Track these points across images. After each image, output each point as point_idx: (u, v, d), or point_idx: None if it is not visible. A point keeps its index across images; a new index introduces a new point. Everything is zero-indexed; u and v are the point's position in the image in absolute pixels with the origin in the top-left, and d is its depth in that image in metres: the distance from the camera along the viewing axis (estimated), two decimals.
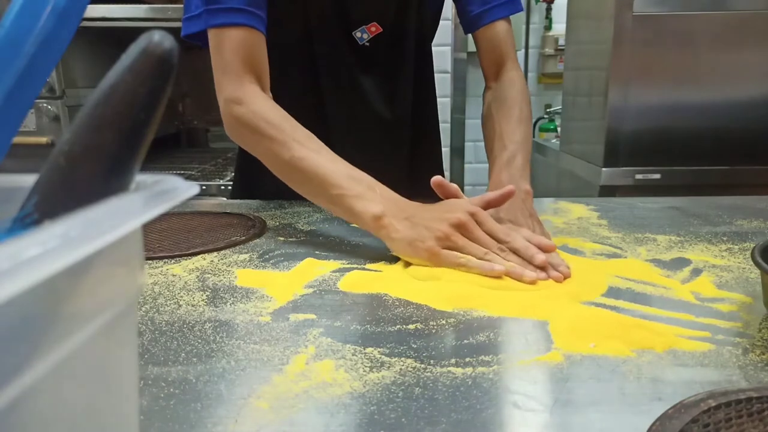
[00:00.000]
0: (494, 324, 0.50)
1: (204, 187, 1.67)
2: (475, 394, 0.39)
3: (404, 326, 0.49)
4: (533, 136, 1.75)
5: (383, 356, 0.44)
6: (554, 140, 2.36)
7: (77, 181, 0.23)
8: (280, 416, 0.37)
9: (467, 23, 0.92)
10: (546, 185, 2.24)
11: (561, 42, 2.61)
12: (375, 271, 0.63)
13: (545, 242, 0.63)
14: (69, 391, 0.22)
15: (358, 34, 0.88)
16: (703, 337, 0.46)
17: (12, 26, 0.27)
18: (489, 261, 0.60)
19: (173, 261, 0.67)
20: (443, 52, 2.07)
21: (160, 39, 0.22)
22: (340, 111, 0.92)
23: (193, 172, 1.82)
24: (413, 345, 0.46)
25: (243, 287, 0.59)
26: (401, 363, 0.43)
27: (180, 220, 0.83)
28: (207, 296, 0.56)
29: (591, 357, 0.43)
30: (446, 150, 2.16)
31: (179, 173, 1.78)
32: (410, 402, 0.38)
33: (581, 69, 1.89)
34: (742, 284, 0.58)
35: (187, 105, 2.33)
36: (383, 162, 0.76)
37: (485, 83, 0.94)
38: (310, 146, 0.71)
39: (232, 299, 0.56)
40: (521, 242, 0.62)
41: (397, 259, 0.66)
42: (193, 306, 0.54)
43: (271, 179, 0.76)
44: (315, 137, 0.72)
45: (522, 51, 2.82)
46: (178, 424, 0.36)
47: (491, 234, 0.63)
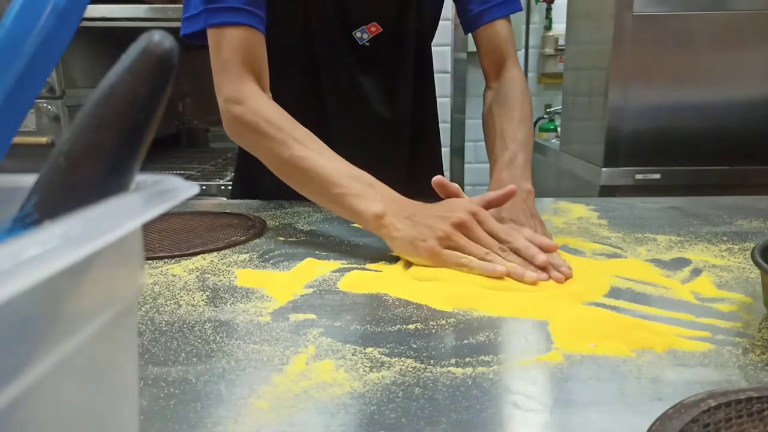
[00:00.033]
0: (494, 324, 0.50)
1: (204, 187, 1.67)
2: (475, 394, 0.39)
3: (404, 326, 0.49)
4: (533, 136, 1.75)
5: (383, 356, 0.44)
6: (554, 140, 2.36)
7: (77, 181, 0.23)
8: (280, 416, 0.37)
9: (467, 23, 0.92)
10: (546, 185, 2.24)
11: (561, 42, 2.61)
12: (375, 271, 0.63)
13: (547, 242, 0.63)
14: (69, 391, 0.22)
15: (358, 34, 0.88)
16: (703, 337, 0.46)
17: (12, 26, 0.27)
18: (490, 261, 0.60)
19: (173, 261, 0.67)
20: (443, 52, 2.07)
21: (160, 39, 0.22)
22: (340, 111, 0.92)
23: (193, 172, 1.82)
24: (413, 345, 0.46)
25: (243, 287, 0.59)
26: (401, 363, 0.43)
27: (180, 220, 0.83)
28: (207, 296, 0.56)
29: (591, 357, 0.43)
30: (446, 150, 2.16)
31: (179, 173, 1.78)
32: (410, 402, 0.38)
33: (581, 69, 1.89)
34: (742, 284, 0.58)
35: (187, 105, 2.33)
36: (383, 162, 0.76)
37: (486, 83, 0.94)
38: (310, 145, 0.71)
39: (232, 299, 0.56)
40: (522, 242, 0.62)
41: (397, 259, 0.66)
42: (193, 306, 0.54)
43: (271, 179, 0.76)
44: (315, 136, 0.72)
45: (522, 51, 2.82)
46: (178, 424, 0.36)
47: (492, 234, 0.63)
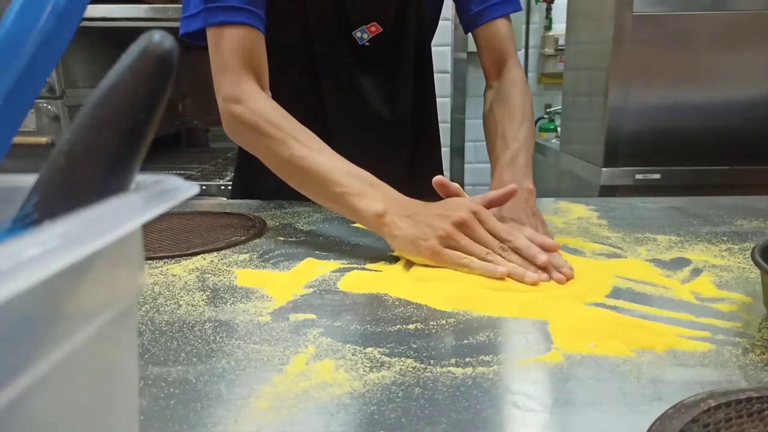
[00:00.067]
0: (494, 324, 0.50)
1: (204, 187, 1.67)
2: (475, 394, 0.39)
3: (404, 326, 0.49)
4: None
5: (383, 356, 0.44)
6: (554, 140, 2.36)
7: (77, 181, 0.23)
8: (280, 416, 0.37)
9: (467, 22, 0.92)
10: (546, 185, 2.24)
11: (561, 42, 2.61)
12: (375, 271, 0.63)
13: (548, 242, 0.62)
14: (69, 391, 0.22)
15: (358, 34, 0.88)
16: (703, 337, 0.46)
17: (12, 26, 0.27)
18: (491, 261, 0.59)
19: (173, 261, 0.67)
20: (443, 52, 2.07)
21: (160, 39, 0.22)
22: (340, 111, 0.92)
23: (193, 172, 1.82)
24: (413, 345, 0.46)
25: (243, 287, 0.59)
26: (401, 363, 0.43)
27: (180, 220, 0.83)
28: (207, 296, 0.56)
29: (591, 357, 0.43)
30: (446, 150, 2.16)
31: (179, 173, 1.78)
32: (410, 402, 0.38)
33: (581, 69, 1.89)
34: (742, 284, 0.58)
35: (187, 105, 2.33)
36: (383, 162, 0.76)
37: (486, 82, 0.94)
38: (310, 144, 0.71)
39: (232, 299, 0.56)
40: (523, 241, 0.61)
41: (397, 259, 0.66)
42: (193, 306, 0.54)
43: (271, 178, 0.76)
44: (315, 135, 0.72)
45: (522, 51, 2.82)
46: (178, 424, 0.36)
47: (493, 233, 0.62)
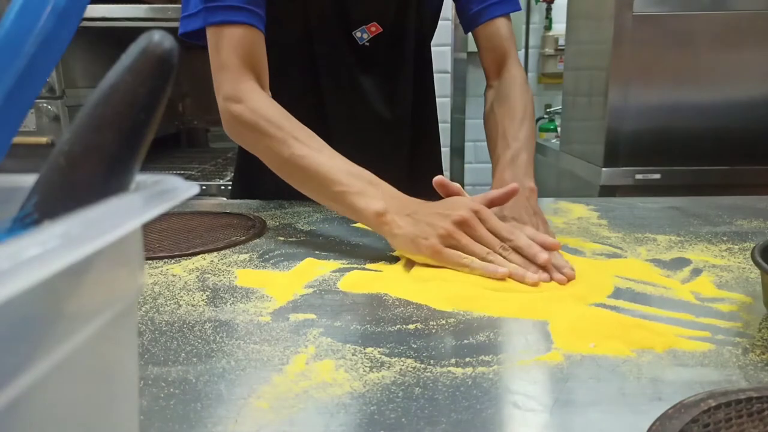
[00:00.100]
0: (494, 324, 0.50)
1: (204, 187, 1.67)
2: (475, 394, 0.39)
3: (404, 326, 0.49)
4: None
5: (383, 356, 0.44)
6: (554, 140, 2.36)
7: (77, 181, 0.23)
8: (280, 416, 0.37)
9: (467, 22, 0.92)
10: (546, 185, 2.24)
11: (561, 42, 2.61)
12: (375, 271, 0.63)
13: (549, 240, 0.62)
14: (69, 391, 0.22)
15: (358, 34, 0.88)
16: (703, 337, 0.46)
17: (12, 26, 0.27)
18: (491, 261, 0.59)
19: (173, 261, 0.67)
20: (443, 52, 2.07)
21: (160, 39, 0.22)
22: (340, 111, 0.92)
23: (193, 172, 1.82)
24: (413, 345, 0.46)
25: (243, 287, 0.59)
26: (401, 363, 0.43)
27: (180, 220, 0.83)
28: (207, 296, 0.56)
29: (591, 357, 0.43)
30: (446, 150, 2.16)
31: (179, 173, 1.78)
32: (410, 402, 0.38)
33: (581, 69, 1.89)
34: (742, 284, 0.58)
35: (187, 105, 2.33)
36: (383, 162, 0.76)
37: (487, 81, 0.94)
38: (310, 144, 0.71)
39: (232, 299, 0.56)
40: (524, 240, 0.61)
41: (397, 259, 0.66)
42: (193, 306, 0.54)
43: (271, 178, 0.76)
44: (315, 135, 0.72)
45: (522, 51, 2.82)
46: (178, 424, 0.36)
47: (494, 232, 0.62)
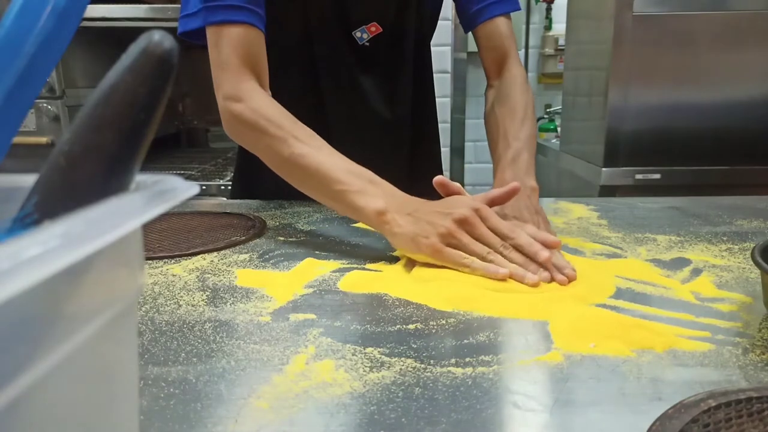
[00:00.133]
0: (494, 324, 0.50)
1: (204, 187, 1.67)
2: (475, 394, 0.39)
3: (404, 326, 0.49)
4: None
5: (383, 356, 0.44)
6: (554, 140, 2.36)
7: (77, 181, 0.23)
8: (280, 416, 0.37)
9: (467, 21, 0.92)
10: (546, 185, 2.24)
11: (561, 42, 2.61)
12: (375, 271, 0.63)
13: (550, 238, 0.62)
14: (69, 391, 0.22)
15: (358, 34, 0.88)
16: (703, 337, 0.46)
17: (12, 26, 0.27)
18: (492, 261, 0.59)
19: (173, 261, 0.67)
20: (443, 52, 2.07)
21: (160, 39, 0.22)
22: (340, 111, 0.92)
23: (193, 172, 1.82)
24: (413, 345, 0.46)
25: (243, 287, 0.59)
26: (401, 363, 0.43)
27: (180, 220, 0.83)
28: (207, 296, 0.56)
29: (591, 357, 0.43)
30: (446, 150, 2.16)
31: (179, 173, 1.78)
32: (410, 402, 0.38)
33: (581, 69, 1.89)
34: (742, 284, 0.58)
35: (187, 105, 2.33)
36: (383, 162, 0.76)
37: (487, 81, 0.93)
38: (310, 143, 0.71)
39: (232, 299, 0.56)
40: (525, 239, 0.61)
41: (398, 259, 0.66)
42: (193, 306, 0.54)
43: (271, 178, 0.76)
44: (315, 134, 0.72)
45: (522, 51, 2.82)
46: (178, 424, 0.36)
47: (495, 230, 0.62)
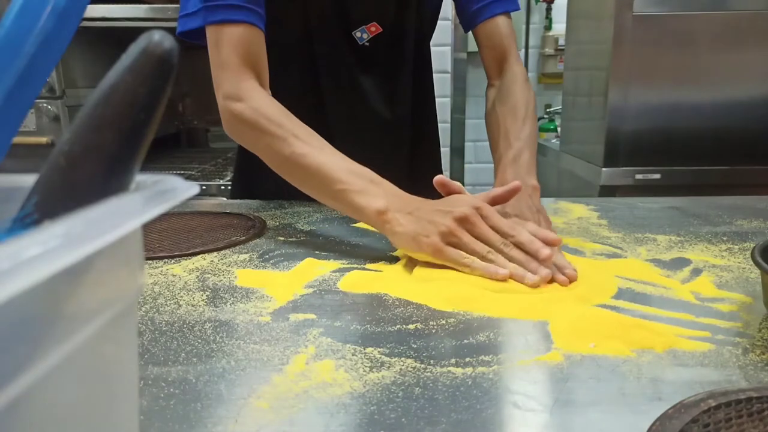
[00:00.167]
0: (494, 324, 0.50)
1: (204, 187, 1.67)
2: (475, 394, 0.39)
3: (404, 326, 0.49)
4: None
5: (383, 356, 0.44)
6: (554, 140, 2.36)
7: (77, 181, 0.23)
8: (280, 416, 0.37)
9: (467, 20, 0.92)
10: (546, 185, 2.24)
11: (561, 42, 2.61)
12: (375, 271, 0.63)
13: (551, 236, 0.62)
14: (69, 391, 0.22)
15: (358, 34, 0.88)
16: (703, 337, 0.46)
17: (12, 26, 0.27)
18: (492, 260, 0.59)
19: (173, 261, 0.67)
20: (443, 52, 2.07)
21: (160, 39, 0.22)
22: (340, 111, 0.92)
23: (193, 172, 1.82)
24: (413, 345, 0.46)
25: (243, 287, 0.59)
26: (401, 363, 0.43)
27: (180, 220, 0.83)
28: (207, 296, 0.56)
29: (591, 357, 0.43)
30: (446, 150, 2.16)
31: (179, 173, 1.78)
32: (410, 402, 0.38)
33: (581, 69, 1.89)
34: (742, 284, 0.58)
35: (187, 105, 2.33)
36: (383, 162, 0.76)
37: (488, 80, 0.93)
38: (311, 142, 0.71)
39: (232, 299, 0.56)
40: (526, 236, 0.61)
41: (398, 259, 0.66)
42: (193, 306, 0.54)
43: (271, 177, 0.76)
44: (315, 133, 0.72)
45: (522, 51, 2.82)
46: (178, 424, 0.36)
47: (496, 228, 0.62)
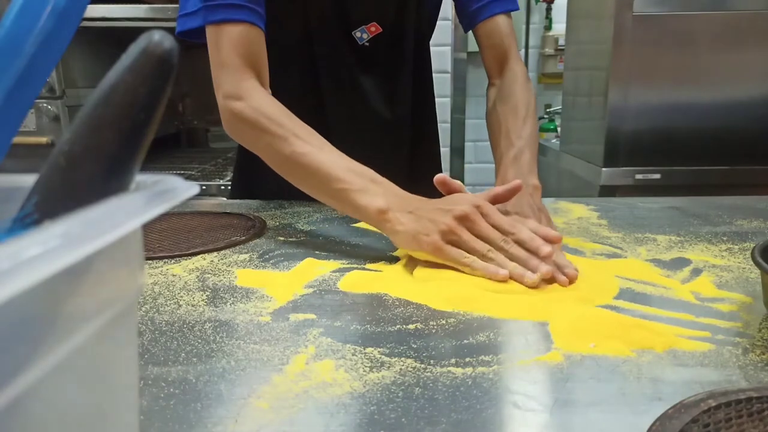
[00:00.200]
0: (494, 324, 0.50)
1: (204, 187, 1.67)
2: (475, 394, 0.39)
3: (404, 326, 0.49)
4: None
5: (383, 356, 0.44)
6: (554, 140, 2.36)
7: (77, 181, 0.23)
8: (280, 416, 0.37)
9: (467, 20, 0.92)
10: (546, 185, 2.23)
11: (561, 42, 2.61)
12: (375, 271, 0.63)
13: (552, 233, 0.61)
14: (69, 391, 0.22)
15: (358, 34, 0.88)
16: (703, 337, 0.46)
17: (12, 26, 0.27)
18: (492, 259, 0.59)
19: (173, 261, 0.67)
20: (443, 52, 2.07)
21: (160, 39, 0.22)
22: (340, 111, 0.92)
23: (193, 172, 1.82)
24: (413, 345, 0.46)
25: (243, 287, 0.59)
26: (401, 363, 0.43)
27: (180, 220, 0.83)
28: (207, 296, 0.56)
29: (591, 357, 0.43)
30: (446, 150, 2.16)
31: (179, 173, 1.78)
32: (410, 402, 0.38)
33: (581, 69, 1.89)
34: (742, 284, 0.58)
35: (187, 105, 2.33)
36: (383, 162, 0.76)
37: (488, 80, 0.93)
38: (311, 141, 0.71)
39: (232, 299, 0.56)
40: (527, 233, 0.60)
41: (398, 259, 0.66)
42: (193, 306, 0.54)
43: (272, 177, 0.75)
44: (316, 132, 0.72)
45: (522, 51, 2.82)
46: (178, 424, 0.36)
47: (496, 226, 0.61)
